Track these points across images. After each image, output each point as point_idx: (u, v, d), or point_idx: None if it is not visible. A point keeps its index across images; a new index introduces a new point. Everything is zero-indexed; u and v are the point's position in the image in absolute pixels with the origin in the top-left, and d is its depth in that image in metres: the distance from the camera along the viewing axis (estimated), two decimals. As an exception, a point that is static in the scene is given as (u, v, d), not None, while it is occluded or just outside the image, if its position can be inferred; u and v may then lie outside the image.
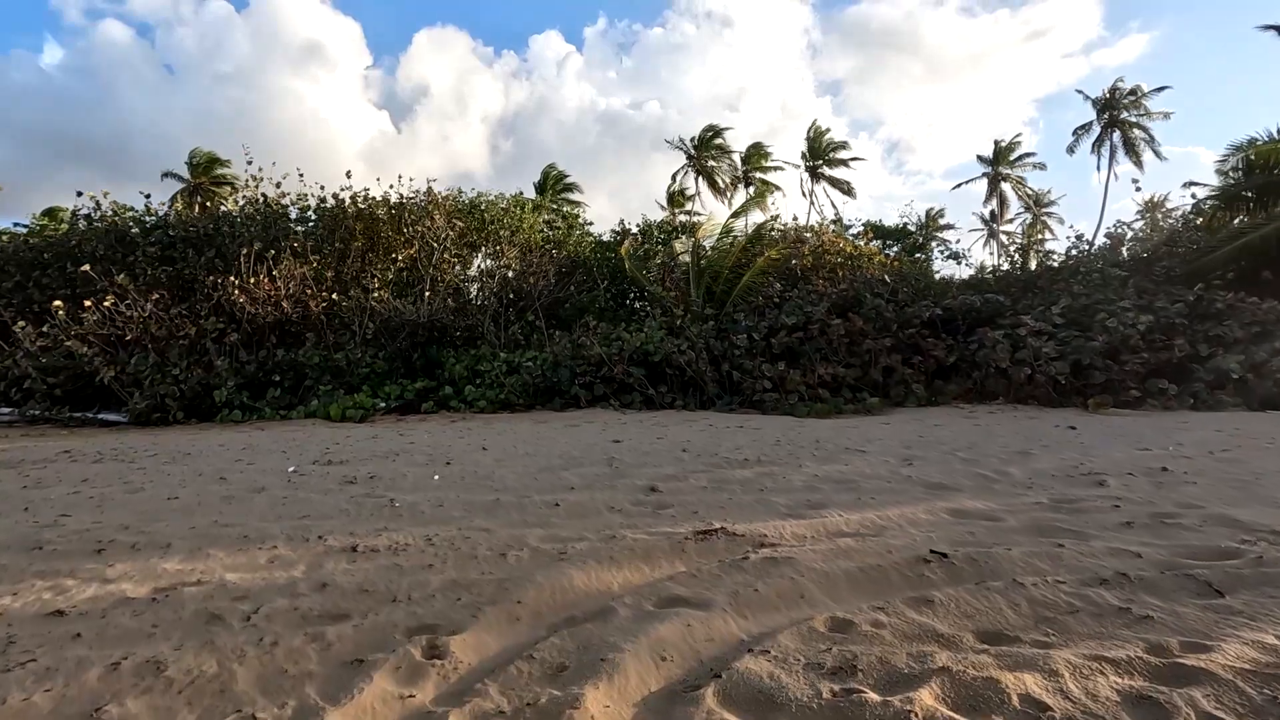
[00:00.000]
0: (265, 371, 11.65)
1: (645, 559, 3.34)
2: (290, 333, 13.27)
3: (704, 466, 5.60)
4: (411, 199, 15.76)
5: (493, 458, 6.19)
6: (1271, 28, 17.43)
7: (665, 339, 11.53)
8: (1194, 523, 3.82)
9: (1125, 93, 40.81)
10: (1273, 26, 17.37)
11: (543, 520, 4.10)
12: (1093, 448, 6.20)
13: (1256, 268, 14.10)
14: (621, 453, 6.33)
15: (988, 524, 3.89)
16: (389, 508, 4.39)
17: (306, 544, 3.60)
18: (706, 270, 15.14)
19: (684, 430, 7.99)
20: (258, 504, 4.54)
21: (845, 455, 6.00)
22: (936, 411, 9.46)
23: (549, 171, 41.19)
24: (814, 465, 5.58)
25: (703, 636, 2.50)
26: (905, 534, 3.72)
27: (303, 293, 13.29)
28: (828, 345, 11.32)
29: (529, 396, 11.06)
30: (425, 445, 7.06)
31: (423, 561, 3.31)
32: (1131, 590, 2.89)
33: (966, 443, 6.57)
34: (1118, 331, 10.97)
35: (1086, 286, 13.95)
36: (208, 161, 39.17)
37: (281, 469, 5.75)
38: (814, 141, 46.65)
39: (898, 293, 14.49)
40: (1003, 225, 47.08)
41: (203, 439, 8.19)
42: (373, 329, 13.22)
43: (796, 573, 3.10)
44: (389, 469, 5.71)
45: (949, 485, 4.85)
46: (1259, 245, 14.54)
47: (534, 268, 16.50)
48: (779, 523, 3.94)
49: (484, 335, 14.38)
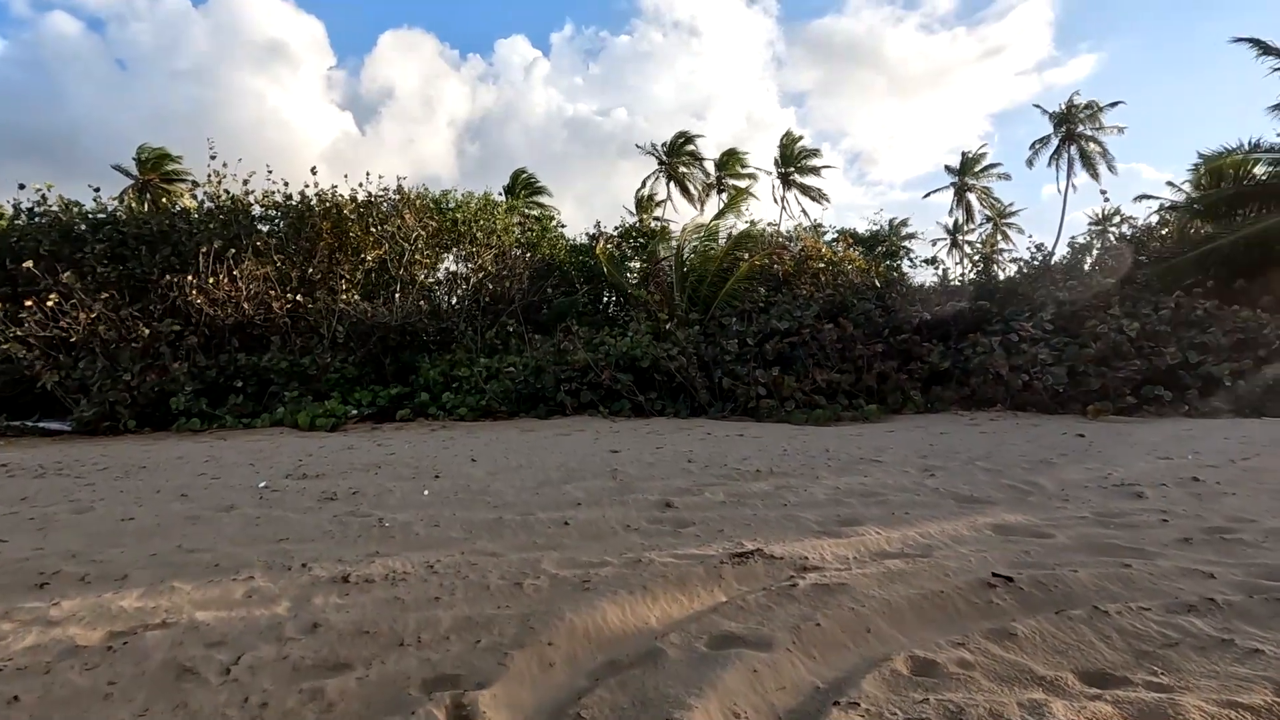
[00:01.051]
0: (226, 377, 11.02)
1: (681, 587, 3.00)
2: (253, 336, 12.63)
3: (715, 479, 5.28)
4: (380, 197, 15.22)
5: (484, 470, 5.79)
6: (1245, 40, 17.90)
7: (653, 344, 11.22)
8: (1254, 538, 3.62)
9: (1081, 107, 42.39)
10: (1246, 39, 17.84)
11: (554, 542, 3.73)
12: (1112, 456, 6.04)
13: (1231, 276, 14.36)
14: (623, 464, 5.97)
15: (1038, 541, 3.64)
16: (378, 528, 3.98)
17: (289, 573, 3.18)
18: (690, 274, 14.90)
19: (682, 439, 7.67)
20: (227, 525, 4.09)
21: (861, 465, 5.74)
22: (937, 419, 9.30)
23: (518, 175, 40.77)
24: (832, 477, 5.30)
25: (773, 684, 2.17)
26: (955, 554, 3.44)
27: (266, 294, 12.67)
28: (820, 351, 11.12)
29: (511, 403, 10.64)
30: (407, 456, 6.61)
31: (427, 594, 2.92)
32: (1225, 618, 2.65)
33: (982, 451, 6.37)
34: (1109, 338, 11.00)
35: (1073, 293, 14.05)
36: (157, 158, 37.67)
37: (251, 484, 5.27)
38: (786, 149, 47.28)
39: (885, 298, 14.42)
40: (965, 235, 48.33)
41: (159, 450, 7.60)
42: (342, 332, 12.65)
43: (855, 602, 2.79)
44: (372, 483, 5.27)
45: (980, 498, 4.61)
46: (1232, 254, 14.85)
47: (509, 270, 16.07)
48: (815, 542, 3.64)
49: (459, 340, 13.89)
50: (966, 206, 48.95)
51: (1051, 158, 43.50)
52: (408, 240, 14.77)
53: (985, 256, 23.31)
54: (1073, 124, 42.66)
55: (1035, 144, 43.82)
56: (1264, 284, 13.71)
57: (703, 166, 46.57)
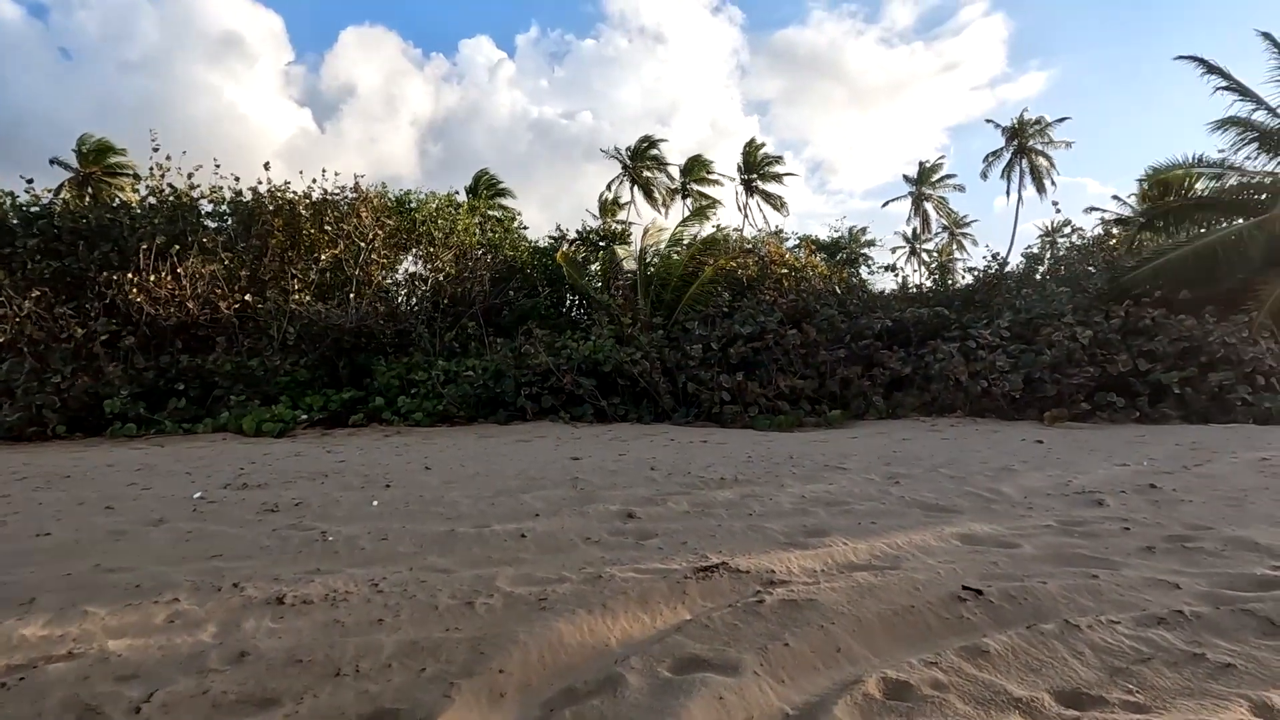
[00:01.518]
0: (167, 379, 10.51)
1: (642, 605, 2.86)
2: (198, 337, 12.09)
3: (679, 487, 5.15)
4: (337, 195, 14.77)
5: (439, 479, 5.56)
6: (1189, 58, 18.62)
7: (616, 348, 11.07)
8: (1214, 547, 3.64)
9: (1031, 122, 44.32)
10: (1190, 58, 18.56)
11: (510, 556, 3.55)
12: (1071, 463, 6.11)
13: (1176, 286, 14.85)
14: (584, 472, 5.80)
15: (1006, 552, 3.60)
16: (321, 543, 3.74)
17: (218, 595, 2.94)
18: (654, 278, 14.81)
19: (645, 446, 7.53)
20: (155, 541, 3.80)
21: (826, 473, 5.68)
22: (898, 425, 9.35)
23: (481, 176, 40.28)
24: (797, 485, 5.22)
25: (740, 713, 2.05)
26: (924, 565, 3.37)
27: (212, 293, 12.15)
28: (784, 356, 11.12)
29: (470, 408, 10.36)
30: (358, 464, 6.33)
31: (370, 616, 2.72)
32: (1194, 631, 2.62)
33: (945, 458, 6.39)
34: (1063, 345, 11.25)
35: (1028, 301, 14.37)
36: (99, 149, 35.98)
37: (185, 495, 4.95)
38: (749, 156, 47.90)
39: (846, 304, 14.54)
40: (922, 244, 49.73)
41: (88, 458, 7.14)
42: (293, 334, 12.20)
43: (824, 619, 2.69)
44: (317, 493, 5.00)
45: (946, 506, 4.58)
46: (1178, 265, 15.37)
47: (469, 271, 15.75)
48: (782, 554, 3.54)
49: (417, 342, 13.54)
50: (924, 216, 50.50)
51: (1004, 170, 45.35)
52: (364, 239, 14.36)
53: (941, 265, 23.82)
54: (1024, 138, 44.52)
55: (988, 156, 45.88)
56: (1207, 294, 14.21)
57: (667, 172, 46.98)
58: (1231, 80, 16.39)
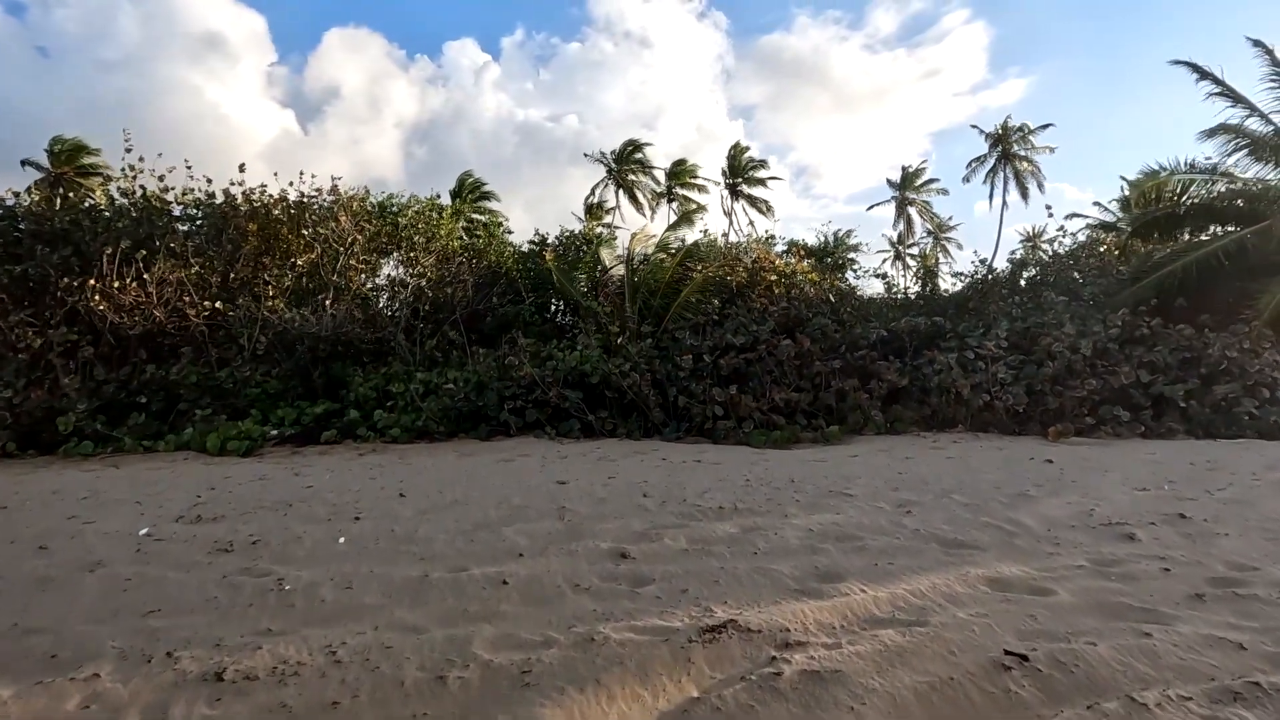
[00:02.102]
0: (129, 392, 9.99)
1: (642, 678, 2.49)
2: (164, 347, 11.57)
3: (675, 518, 4.79)
4: (314, 198, 14.29)
5: (414, 508, 5.15)
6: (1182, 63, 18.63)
7: (604, 358, 10.70)
8: (1268, 593, 3.34)
9: (1014, 129, 45.05)
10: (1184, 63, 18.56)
11: (489, 608, 3.18)
12: (1088, 487, 5.82)
13: (1172, 295, 14.72)
14: (572, 499, 5.43)
15: (1041, 600, 3.27)
16: (276, 592, 3.34)
17: (147, 666, 2.54)
18: (642, 284, 14.45)
19: (636, 466, 7.16)
20: (87, 591, 3.38)
21: (832, 500, 5.35)
22: (898, 440, 9.05)
23: (465, 178, 39.92)
24: (802, 515, 4.87)
25: (769, 843, 1.68)
26: (955, 620, 3.03)
27: (180, 300, 11.63)
28: (777, 367, 10.80)
29: (450, 423, 9.94)
30: (327, 490, 5.90)
31: (323, 696, 2.33)
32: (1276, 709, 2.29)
33: (954, 481, 6.07)
34: (1063, 357, 11.02)
35: (1024, 310, 14.17)
36: (72, 150, 35.14)
37: (132, 530, 4.52)
38: (734, 160, 48.01)
39: (840, 312, 14.26)
40: (906, 248, 50.23)
41: (33, 482, 6.65)
42: (265, 343, 11.71)
43: (854, 697, 2.34)
44: (278, 528, 4.58)
45: (966, 542, 4.25)
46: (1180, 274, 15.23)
47: (451, 277, 15.31)
48: (795, 605, 3.19)
49: (396, 351, 13.08)
50: (907, 220, 51.02)
51: (988, 175, 45.97)
52: (342, 244, 13.88)
53: (928, 270, 23.58)
54: (1007, 144, 45.22)
55: (972, 162, 46.69)
56: (1203, 303, 14.09)
57: (652, 175, 47.08)
58: (1224, 86, 16.30)
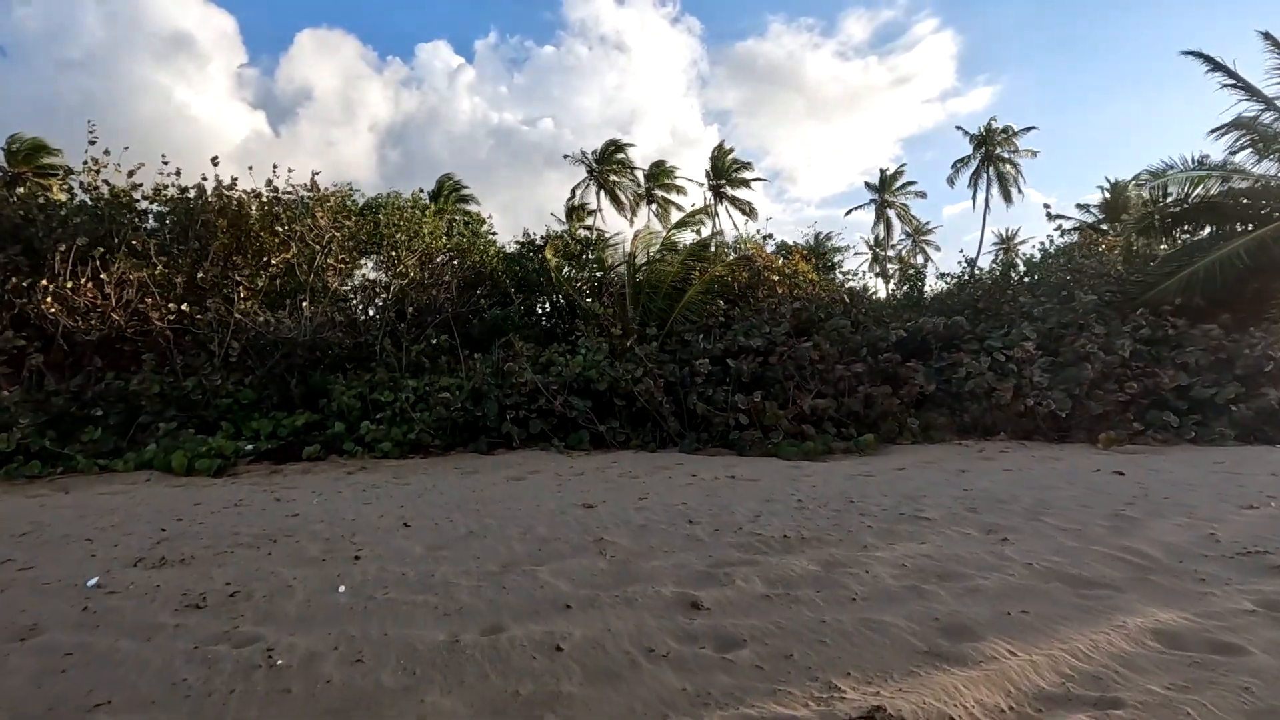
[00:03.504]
0: (82, 404, 9.10)
1: (794, 810, 1.81)
2: (124, 353, 10.67)
3: (737, 552, 4.12)
4: (290, 194, 13.45)
5: (424, 542, 4.42)
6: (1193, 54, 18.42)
7: (612, 364, 10.01)
8: None
9: (999, 130, 46.02)
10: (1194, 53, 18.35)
11: (546, 689, 2.48)
12: (1186, 504, 5.25)
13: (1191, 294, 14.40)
14: (606, 527, 4.73)
15: (1235, 663, 2.66)
16: (265, 670, 2.62)
17: (87, 807, 1.80)
18: (645, 285, 13.78)
19: (664, 484, 6.47)
20: (14, 673, 2.63)
21: (906, 525, 4.71)
22: (939, 451, 8.46)
23: (444, 180, 39.41)
24: (882, 545, 4.23)
25: None
26: (1152, 697, 2.40)
27: (142, 302, 10.74)
28: (798, 372, 10.18)
29: (446, 435, 9.17)
30: (316, 519, 5.14)
31: None
32: None
33: (1031, 499, 5.47)
34: (1099, 358, 10.54)
35: (1044, 310, 13.72)
36: (31, 149, 33.72)
37: (79, 578, 3.74)
38: (718, 161, 48.64)
39: (854, 313, 13.70)
40: (885, 251, 51.30)
41: (-31, 510, 5.80)
42: (237, 348, 10.87)
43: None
44: (262, 573, 3.83)
45: (1094, 579, 3.63)
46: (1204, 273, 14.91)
47: (435, 278, 14.52)
48: (939, 677, 2.53)
49: (380, 357, 12.28)
50: (886, 223, 52.26)
51: (972, 177, 46.99)
52: (320, 242, 13.05)
53: (915, 271, 23.09)
54: (991, 146, 46.34)
55: (957, 163, 48.26)
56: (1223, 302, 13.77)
57: (633, 176, 47.57)
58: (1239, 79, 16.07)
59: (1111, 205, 41.52)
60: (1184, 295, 14.05)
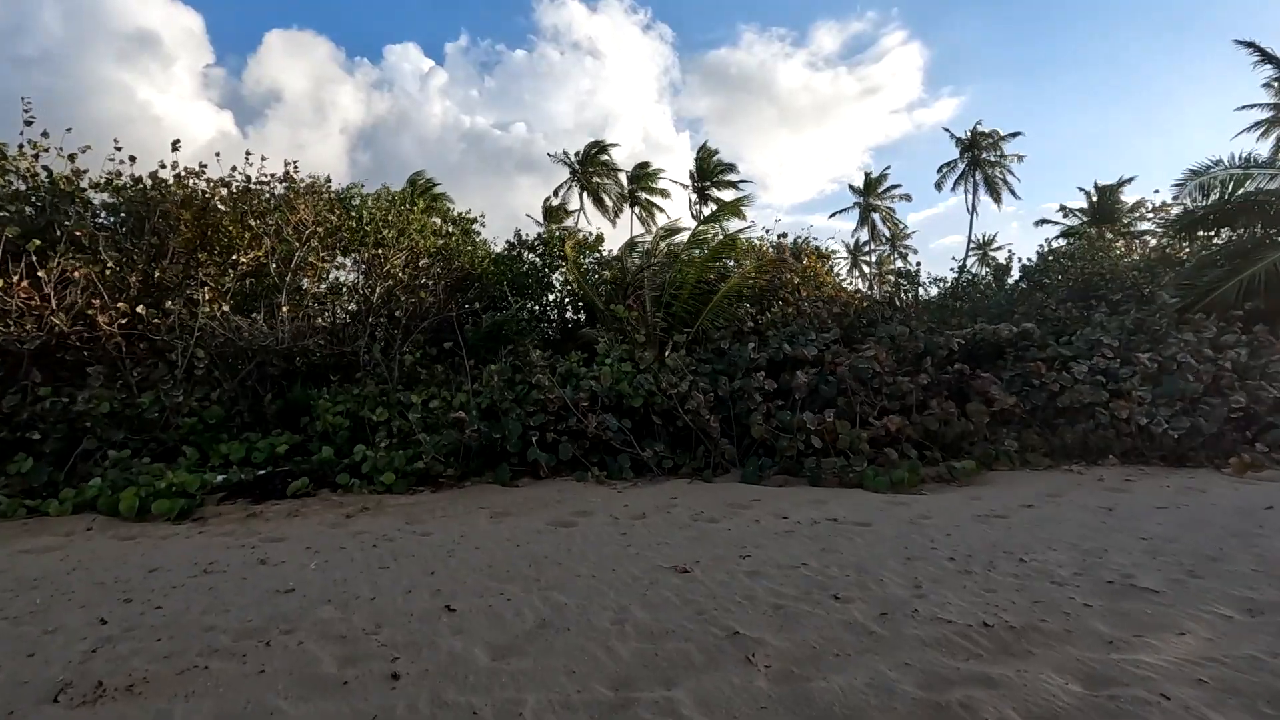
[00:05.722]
0: (14, 427, 7.73)
1: None
2: (67, 364, 9.29)
3: (940, 655, 2.95)
4: (263, 184, 12.13)
5: (482, 642, 3.19)
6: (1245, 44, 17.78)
7: (646, 377, 8.82)
8: None
9: (985, 134, 47.42)
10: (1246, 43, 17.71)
11: None
12: None
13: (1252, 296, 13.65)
14: (727, 608, 3.53)
15: None
16: None
17: None
18: (669, 285, 12.62)
19: (757, 532, 5.27)
20: None
21: (1132, 602, 3.56)
22: (1049, 479, 7.34)
23: (416, 179, 38.52)
24: (1130, 638, 3.09)
25: None
26: None
27: (88, 304, 9.37)
28: (861, 386, 9.05)
29: (459, 462, 7.90)
30: (320, 598, 3.86)
31: None
32: None
33: (1250, 556, 4.35)
34: (1192, 367, 9.57)
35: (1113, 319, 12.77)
36: (-26, 145, 31.91)
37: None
38: (703, 163, 49.35)
39: (909, 319, 12.66)
40: (870, 255, 52.13)
41: None
42: (203, 358, 9.53)
43: None
44: (255, 708, 2.58)
45: None
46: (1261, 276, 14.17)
47: (424, 279, 13.27)
48: None
49: (367, 368, 10.98)
50: (871, 226, 52.99)
51: (958, 181, 48.44)
52: (299, 238, 11.73)
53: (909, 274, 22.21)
54: (978, 150, 47.32)
55: (943, 167, 48.93)
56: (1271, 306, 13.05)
57: (617, 178, 47.86)
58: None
59: (1098, 209, 41.90)
60: (1246, 299, 13.25)
